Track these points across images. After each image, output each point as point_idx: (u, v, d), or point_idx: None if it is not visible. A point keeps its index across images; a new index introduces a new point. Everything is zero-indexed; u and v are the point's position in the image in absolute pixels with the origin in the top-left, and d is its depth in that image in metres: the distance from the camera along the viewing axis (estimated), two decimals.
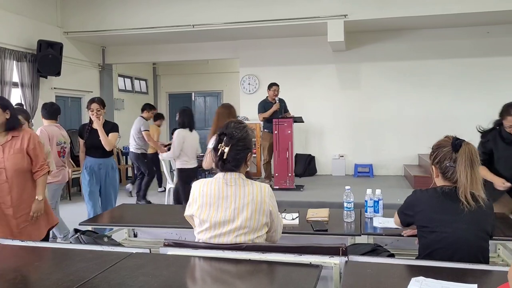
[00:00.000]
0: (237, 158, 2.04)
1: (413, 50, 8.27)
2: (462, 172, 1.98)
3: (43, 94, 7.53)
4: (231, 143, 2.02)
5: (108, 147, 4.52)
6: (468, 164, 1.99)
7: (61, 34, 8.06)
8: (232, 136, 2.03)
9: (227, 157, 2.01)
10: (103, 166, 4.62)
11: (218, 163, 2.04)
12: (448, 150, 2.06)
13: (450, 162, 2.05)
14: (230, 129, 2.06)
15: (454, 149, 2.04)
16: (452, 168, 2.04)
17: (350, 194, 2.86)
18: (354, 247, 2.41)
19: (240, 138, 2.05)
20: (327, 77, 8.61)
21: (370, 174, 8.31)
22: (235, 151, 2.02)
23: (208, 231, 2.04)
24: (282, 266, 1.86)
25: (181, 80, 11.66)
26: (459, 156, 2.01)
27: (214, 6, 7.61)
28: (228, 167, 2.04)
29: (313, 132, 8.66)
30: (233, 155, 2.02)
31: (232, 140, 2.02)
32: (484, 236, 2.02)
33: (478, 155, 2.02)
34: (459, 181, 2.00)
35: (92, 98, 4.69)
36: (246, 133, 2.09)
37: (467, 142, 2.05)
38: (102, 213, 3.86)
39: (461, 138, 2.07)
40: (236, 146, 2.03)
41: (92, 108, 4.52)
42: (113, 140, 4.61)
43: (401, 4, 7.04)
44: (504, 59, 7.97)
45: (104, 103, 4.67)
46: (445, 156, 2.07)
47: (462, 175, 1.98)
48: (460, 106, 8.12)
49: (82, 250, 2.16)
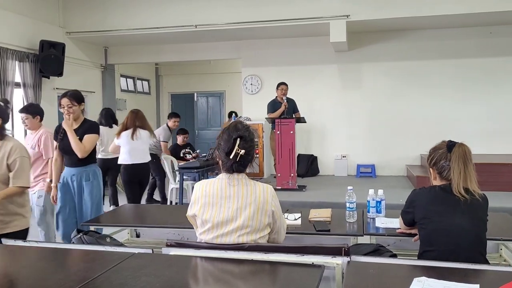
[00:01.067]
0: (248, 158, 2.08)
1: (416, 51, 8.26)
2: (456, 169, 2.12)
3: (45, 94, 7.54)
4: (245, 146, 2.04)
5: (79, 153, 3.60)
6: (461, 162, 2.13)
7: (63, 34, 8.08)
8: (246, 139, 2.06)
9: (240, 159, 2.02)
10: (76, 177, 3.72)
11: (232, 165, 2.04)
12: (444, 151, 2.21)
13: (445, 161, 2.19)
14: (241, 131, 2.07)
15: (449, 149, 2.18)
16: (448, 166, 2.17)
17: (352, 194, 2.86)
18: (356, 247, 2.41)
19: (250, 139, 2.09)
20: (329, 77, 8.60)
21: (373, 175, 8.30)
22: (247, 153, 2.05)
23: (211, 232, 2.04)
24: (284, 266, 1.86)
25: (183, 80, 11.67)
26: (453, 154, 2.15)
27: (217, 6, 7.62)
28: (239, 169, 2.06)
29: (316, 133, 8.66)
30: (245, 157, 2.05)
31: (246, 143, 2.05)
32: (480, 224, 2.12)
33: (471, 154, 2.17)
34: (453, 177, 2.13)
35: (64, 92, 3.82)
36: (253, 134, 2.14)
37: (460, 143, 2.20)
38: (104, 213, 3.86)
39: (456, 141, 2.22)
40: (249, 147, 2.06)
41: (62, 104, 3.66)
42: (88, 145, 3.65)
43: (403, 5, 7.03)
44: (507, 60, 7.95)
45: (80, 98, 3.76)
46: (441, 156, 2.21)
47: (456, 172, 2.12)
48: (462, 107, 8.11)
49: (84, 250, 2.17)
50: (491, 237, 2.31)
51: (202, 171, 6.14)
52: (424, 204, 2.20)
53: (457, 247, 2.05)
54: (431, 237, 2.13)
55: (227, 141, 2.05)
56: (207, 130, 11.66)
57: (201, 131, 11.88)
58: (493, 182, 6.08)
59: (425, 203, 2.20)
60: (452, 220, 2.09)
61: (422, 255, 2.16)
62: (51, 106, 7.86)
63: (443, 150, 2.21)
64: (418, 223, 2.23)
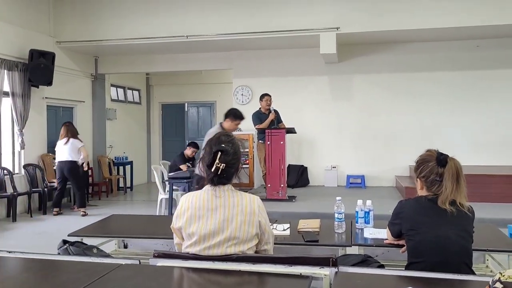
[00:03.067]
0: (231, 171, 2.05)
1: (405, 63, 8.38)
2: (449, 186, 2.10)
3: (34, 103, 7.49)
4: (226, 159, 2.02)
5: None
6: (454, 179, 2.11)
7: (53, 43, 8.06)
8: (228, 153, 2.03)
9: (221, 172, 2.01)
10: None
11: (213, 179, 2.03)
12: (434, 165, 2.16)
13: (436, 176, 2.15)
14: (224, 145, 2.04)
15: (440, 164, 2.14)
16: (438, 182, 2.14)
17: (341, 205, 2.87)
18: (344, 257, 2.42)
19: (234, 152, 2.06)
20: (319, 88, 8.67)
21: (362, 185, 8.33)
22: (229, 166, 2.03)
23: (197, 244, 2.01)
24: (272, 277, 1.86)
25: (174, 91, 11.66)
26: (446, 171, 2.12)
27: (208, 17, 7.67)
28: (222, 181, 2.04)
29: (306, 143, 8.69)
30: (227, 170, 2.02)
31: (227, 157, 2.02)
32: (466, 236, 2.11)
33: (461, 168, 2.14)
34: (444, 192, 2.11)
35: None
36: (238, 146, 2.11)
37: (451, 157, 2.16)
38: (91, 224, 3.82)
39: (444, 153, 2.18)
40: (231, 161, 2.03)
41: None
42: None
43: (392, 18, 7.14)
44: (493, 72, 8.10)
45: None
46: (432, 171, 2.17)
47: (448, 188, 2.10)
48: (450, 118, 8.22)
49: (70, 261, 2.14)
50: (478, 247, 2.33)
51: (191, 181, 6.12)
52: (411, 215, 2.19)
53: (444, 258, 2.05)
54: (418, 248, 2.13)
55: (209, 154, 2.04)
56: (197, 140, 11.61)
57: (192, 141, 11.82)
58: (480, 193, 6.16)
59: (412, 214, 2.19)
60: (439, 231, 2.09)
61: (409, 266, 2.16)
62: (40, 116, 7.82)
63: (433, 163, 2.16)
64: (405, 235, 2.22)
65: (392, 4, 7.12)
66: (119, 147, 10.10)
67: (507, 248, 2.54)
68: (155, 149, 11.75)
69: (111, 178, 9.32)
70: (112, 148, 9.81)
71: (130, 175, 10.12)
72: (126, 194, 9.62)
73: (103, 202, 8.42)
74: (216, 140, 2.08)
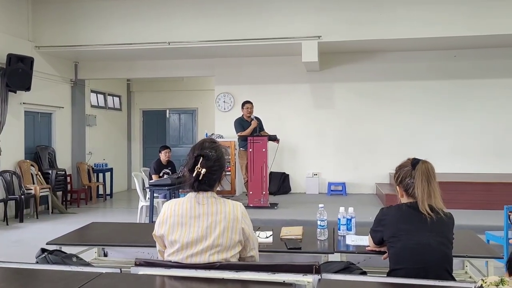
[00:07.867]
0: (213, 178, 2.04)
1: (384, 72, 8.52)
2: (419, 186, 2.17)
3: (12, 109, 7.34)
4: (208, 164, 2.01)
5: None
6: (424, 178, 2.17)
7: (32, 48, 7.92)
8: (209, 158, 2.02)
9: (203, 178, 2.00)
10: None
11: (194, 184, 2.02)
12: (408, 168, 2.26)
13: (410, 179, 2.23)
14: (206, 150, 2.04)
15: (413, 167, 2.23)
16: (412, 184, 2.21)
17: (323, 212, 2.88)
18: (327, 265, 2.42)
19: (216, 158, 2.05)
20: (301, 96, 8.74)
21: (343, 193, 8.40)
22: (211, 172, 2.02)
23: (180, 252, 1.99)
24: (255, 285, 1.85)
25: (156, 97, 11.59)
26: (416, 171, 2.20)
27: (190, 24, 7.66)
28: (203, 187, 2.03)
29: (288, 150, 8.72)
30: (209, 176, 2.01)
31: (209, 162, 2.01)
32: (446, 243, 2.16)
33: (434, 171, 2.21)
34: (417, 194, 2.17)
35: None
36: (221, 152, 2.09)
37: (424, 160, 2.25)
38: (71, 232, 3.74)
39: (420, 159, 2.27)
40: (213, 167, 2.02)
41: None
42: None
43: (372, 28, 7.26)
44: (470, 82, 8.31)
45: None
46: (406, 174, 2.26)
47: (419, 189, 2.16)
48: (430, 126, 8.37)
49: (49, 270, 2.09)
50: (457, 254, 2.36)
51: (173, 188, 6.06)
52: (393, 222, 2.22)
53: (425, 264, 2.08)
54: (400, 255, 2.16)
55: (191, 158, 2.04)
56: (179, 147, 11.54)
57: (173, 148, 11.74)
58: (458, 200, 6.27)
59: (394, 222, 2.22)
60: (420, 238, 2.12)
61: (391, 273, 2.18)
62: (17, 121, 7.66)
63: (408, 168, 2.25)
64: (387, 241, 2.25)
65: (372, 14, 7.25)
66: (98, 153, 9.96)
67: (486, 254, 2.59)
68: (136, 156, 11.63)
69: (91, 185, 9.17)
70: (92, 154, 9.66)
71: (110, 182, 9.97)
72: (106, 201, 9.48)
73: (82, 209, 8.27)
74: (199, 146, 2.08)
